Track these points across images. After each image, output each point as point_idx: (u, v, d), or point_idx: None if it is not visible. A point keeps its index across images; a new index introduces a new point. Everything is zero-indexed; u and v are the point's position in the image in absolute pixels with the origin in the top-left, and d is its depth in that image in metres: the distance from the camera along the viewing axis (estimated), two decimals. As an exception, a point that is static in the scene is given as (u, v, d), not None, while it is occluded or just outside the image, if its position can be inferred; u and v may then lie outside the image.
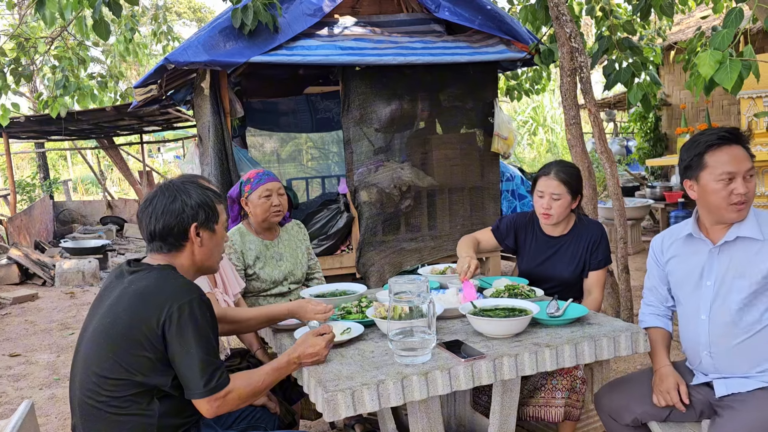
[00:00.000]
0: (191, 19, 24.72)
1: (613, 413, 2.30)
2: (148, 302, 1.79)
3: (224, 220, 2.04)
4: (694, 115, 8.95)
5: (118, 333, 1.79)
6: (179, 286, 1.83)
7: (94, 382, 1.80)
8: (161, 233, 1.91)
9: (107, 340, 1.80)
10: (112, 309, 1.84)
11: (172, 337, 1.76)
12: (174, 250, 1.94)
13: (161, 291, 1.80)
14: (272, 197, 3.01)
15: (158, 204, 1.91)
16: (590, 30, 12.94)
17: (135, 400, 1.79)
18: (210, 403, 1.80)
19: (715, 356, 2.14)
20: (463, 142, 5.38)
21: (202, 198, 1.95)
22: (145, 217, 1.93)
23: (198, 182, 2.03)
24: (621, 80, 4.03)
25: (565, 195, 2.75)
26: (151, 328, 1.76)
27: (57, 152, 19.68)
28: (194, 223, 1.92)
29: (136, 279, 1.86)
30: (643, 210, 8.03)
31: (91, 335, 1.86)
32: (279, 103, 6.84)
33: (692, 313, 2.21)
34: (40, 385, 4.53)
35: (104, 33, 4.01)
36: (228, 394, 1.82)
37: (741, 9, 2.69)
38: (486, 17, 5.15)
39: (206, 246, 1.97)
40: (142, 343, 1.76)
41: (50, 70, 6.63)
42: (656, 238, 2.39)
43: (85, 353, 1.87)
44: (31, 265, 8.25)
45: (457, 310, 2.38)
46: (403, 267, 5.13)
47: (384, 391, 1.83)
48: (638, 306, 5.34)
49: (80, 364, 1.87)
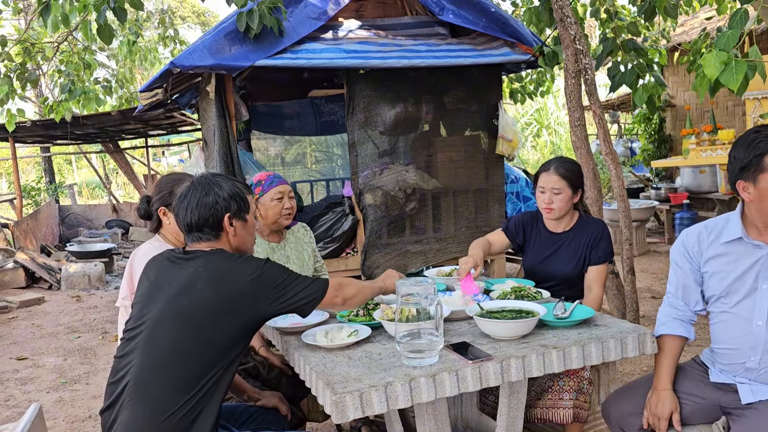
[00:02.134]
0: (195, 23, 24.81)
1: (621, 423, 2.27)
2: (230, 276, 1.90)
3: (254, 210, 2.16)
4: (699, 117, 8.93)
5: (205, 310, 1.86)
6: (249, 258, 2.00)
7: (161, 361, 1.85)
8: (198, 224, 2.02)
9: (189, 320, 1.86)
10: (188, 290, 1.89)
11: (268, 289, 1.92)
12: (212, 239, 2.04)
13: (236, 265, 1.94)
14: (284, 200, 3.02)
15: (192, 197, 2.02)
16: (594, 32, 12.94)
17: (196, 387, 1.83)
18: (334, 291, 2.08)
19: (765, 363, 2.07)
20: (468, 145, 5.38)
21: (233, 189, 2.07)
22: (181, 210, 2.04)
23: (226, 176, 2.15)
24: (626, 82, 4.03)
25: (566, 189, 2.81)
26: (241, 294, 1.88)
27: (62, 156, 19.75)
28: (227, 213, 2.03)
29: (202, 262, 1.94)
30: (647, 211, 8.01)
31: (159, 318, 1.89)
32: (284, 106, 6.85)
33: (743, 319, 2.10)
34: (48, 389, 4.55)
35: (108, 37, 4.03)
36: (341, 285, 2.12)
37: (746, 10, 2.69)
38: (490, 20, 5.15)
39: (239, 235, 2.08)
40: (232, 312, 1.88)
41: (56, 75, 6.66)
42: (689, 235, 2.22)
43: (150, 336, 1.89)
44: (37, 269, 8.28)
45: (464, 312, 2.39)
46: (408, 269, 5.13)
47: (392, 392, 1.83)
48: (644, 307, 5.35)
49: (141, 346, 1.89)
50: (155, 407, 1.82)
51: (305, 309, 2.03)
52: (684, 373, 2.27)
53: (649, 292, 6.04)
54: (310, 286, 2.02)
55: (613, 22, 4.29)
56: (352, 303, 2.19)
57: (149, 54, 8.71)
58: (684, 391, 2.21)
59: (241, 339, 1.94)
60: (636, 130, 10.99)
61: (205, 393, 1.85)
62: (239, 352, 1.95)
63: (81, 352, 5.39)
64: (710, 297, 2.20)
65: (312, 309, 2.04)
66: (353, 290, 2.17)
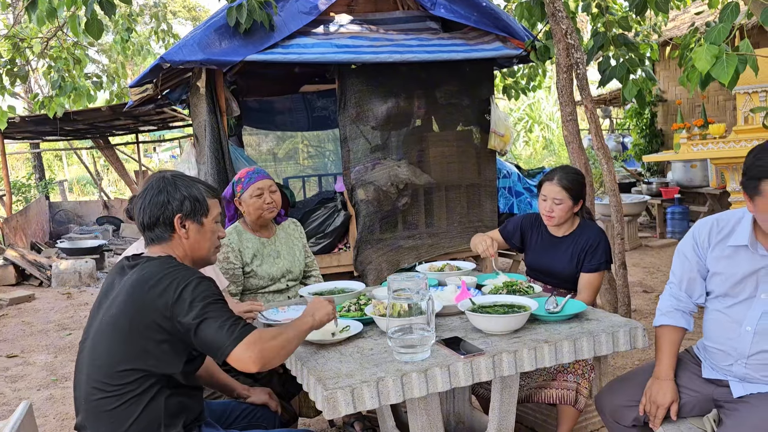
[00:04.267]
0: (186, 17, 24.67)
1: (614, 415, 2.28)
2: (154, 287, 1.79)
3: (216, 215, 2.04)
4: (690, 111, 8.96)
5: (126, 322, 1.79)
6: (179, 270, 1.85)
7: (103, 374, 1.80)
8: (149, 224, 1.95)
9: (115, 331, 1.81)
10: (116, 301, 1.84)
11: (182, 314, 1.76)
12: (164, 242, 1.97)
13: (163, 276, 1.81)
14: (264, 195, 3.01)
15: (147, 196, 1.96)
16: (586, 26, 12.95)
17: (142, 393, 1.79)
18: (249, 348, 1.74)
19: (751, 367, 2.07)
20: (460, 140, 5.38)
21: (191, 191, 1.97)
22: (136, 208, 1.99)
23: (191, 177, 2.05)
24: (616, 76, 4.03)
25: (567, 200, 2.88)
26: (159, 312, 1.77)
27: (52, 152, 19.62)
28: (179, 214, 1.94)
29: (137, 270, 1.87)
30: (639, 206, 8.04)
31: (98, 329, 1.86)
32: (275, 101, 6.83)
33: (734, 322, 2.11)
34: (38, 386, 4.52)
35: (96, 32, 3.99)
36: (261, 337, 1.78)
37: (737, 3, 2.69)
38: (482, 14, 5.14)
39: (193, 238, 1.98)
40: (151, 328, 1.77)
41: (46, 70, 6.60)
42: (702, 226, 2.20)
43: (91, 348, 1.86)
44: (27, 266, 8.23)
45: (456, 307, 2.38)
46: (400, 265, 5.13)
47: (384, 388, 1.83)
48: (636, 302, 5.37)
49: (87, 360, 1.87)
50: (109, 427, 1.79)
51: (215, 357, 1.79)
52: (680, 365, 2.27)
53: (640, 286, 6.06)
54: (228, 329, 1.75)
55: (604, 16, 4.28)
56: (274, 357, 1.82)
57: (142, 48, 8.65)
58: (679, 384, 2.21)
59: (177, 353, 1.82)
60: (628, 125, 11.03)
61: (151, 408, 1.80)
62: (183, 365, 1.83)
63: (71, 350, 5.36)
64: (710, 293, 2.21)
65: (220, 360, 1.79)
66: (276, 343, 1.82)
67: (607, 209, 4.74)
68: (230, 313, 1.81)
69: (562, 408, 2.65)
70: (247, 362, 1.74)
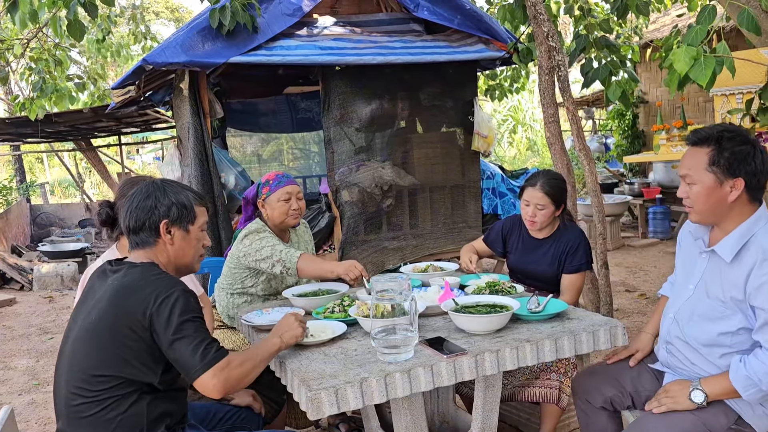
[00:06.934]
0: (169, 18, 24.51)
1: (587, 394, 2.34)
2: (133, 296, 1.79)
3: (202, 223, 2.03)
4: (671, 112, 9.07)
5: (105, 328, 1.79)
6: (162, 280, 1.84)
7: (82, 379, 1.79)
8: (135, 228, 1.94)
9: (94, 337, 1.80)
10: (96, 306, 1.83)
11: (160, 327, 1.76)
12: (148, 247, 1.95)
13: (145, 284, 1.81)
14: (291, 201, 2.95)
15: (134, 200, 1.95)
16: (568, 29, 13.06)
17: (122, 398, 1.78)
18: (215, 376, 1.77)
19: (670, 355, 2.17)
20: (444, 141, 5.41)
21: (179, 197, 1.97)
22: (122, 212, 1.98)
23: (179, 183, 2.04)
24: (599, 78, 4.08)
25: (549, 205, 2.92)
26: (137, 321, 1.77)
27: (34, 155, 19.39)
28: (165, 219, 1.93)
29: (119, 276, 1.86)
30: (621, 206, 8.13)
31: (77, 334, 1.85)
32: (259, 103, 6.81)
33: (668, 306, 2.22)
34: (20, 391, 4.47)
35: (78, 34, 3.96)
36: (229, 364, 1.80)
37: (714, 6, 2.73)
38: (465, 17, 5.18)
39: (178, 245, 1.97)
40: (129, 337, 1.77)
41: (23, 72, 6.53)
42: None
43: (71, 353, 1.85)
44: (8, 270, 8.13)
45: (439, 307, 2.40)
46: (385, 266, 5.14)
47: (367, 388, 1.84)
48: (618, 301, 5.42)
49: (66, 365, 1.86)
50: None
51: (185, 377, 1.81)
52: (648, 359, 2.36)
53: (623, 285, 6.12)
54: (201, 353, 1.76)
55: (586, 19, 4.33)
56: (237, 385, 1.86)
57: (122, 50, 8.57)
58: (639, 374, 2.30)
59: (156, 361, 1.81)
60: (610, 126, 11.12)
61: (129, 415, 1.79)
62: (161, 375, 1.83)
63: (53, 354, 5.30)
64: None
65: (189, 382, 1.81)
66: (242, 370, 1.85)
67: (590, 210, 4.79)
68: (205, 333, 1.82)
69: (546, 406, 2.67)
70: (212, 391, 1.79)
